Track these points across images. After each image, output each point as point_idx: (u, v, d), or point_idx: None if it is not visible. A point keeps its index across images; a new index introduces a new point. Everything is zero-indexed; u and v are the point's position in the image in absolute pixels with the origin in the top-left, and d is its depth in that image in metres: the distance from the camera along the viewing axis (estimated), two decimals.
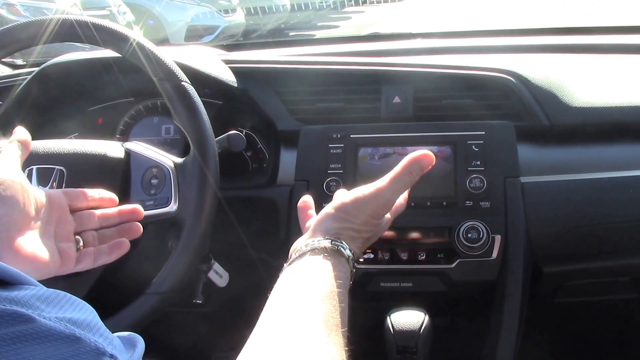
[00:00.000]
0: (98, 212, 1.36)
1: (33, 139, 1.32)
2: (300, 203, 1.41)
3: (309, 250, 1.15)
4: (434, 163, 1.26)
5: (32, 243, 1.15)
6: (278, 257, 1.83)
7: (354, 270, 1.19)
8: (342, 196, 1.24)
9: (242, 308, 1.82)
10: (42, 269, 1.18)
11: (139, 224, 1.40)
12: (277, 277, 1.12)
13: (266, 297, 1.06)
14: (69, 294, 0.71)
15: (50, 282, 1.44)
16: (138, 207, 1.42)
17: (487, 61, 1.93)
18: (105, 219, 1.37)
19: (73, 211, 1.32)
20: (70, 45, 1.68)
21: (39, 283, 0.69)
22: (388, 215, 1.31)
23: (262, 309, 1.03)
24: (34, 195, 1.20)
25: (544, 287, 1.92)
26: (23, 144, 1.26)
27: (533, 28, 2.55)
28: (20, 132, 1.28)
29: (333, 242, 1.15)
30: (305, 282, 1.09)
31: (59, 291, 0.70)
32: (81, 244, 1.31)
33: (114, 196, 1.40)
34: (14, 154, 1.23)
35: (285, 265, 1.17)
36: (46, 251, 1.19)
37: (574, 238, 1.74)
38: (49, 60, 1.91)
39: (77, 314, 0.68)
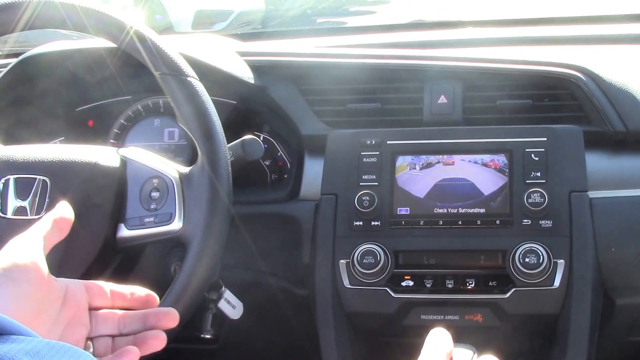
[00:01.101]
0: (121, 312, 1.23)
1: (10, 143, 1.30)
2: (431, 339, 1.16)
3: None
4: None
5: None
6: (300, 285, 1.84)
7: None
8: None
9: (254, 344, 1.83)
10: None
11: (164, 334, 1.20)
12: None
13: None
14: (67, 345, 0.71)
15: None
16: (173, 310, 1.24)
17: (551, 54, 1.92)
18: (127, 324, 1.22)
19: (91, 310, 1.21)
20: (54, 33, 1.67)
21: (34, 333, 0.70)
22: None
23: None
24: (50, 285, 1.11)
25: (616, 323, 1.90)
26: (58, 225, 1.19)
27: (606, 15, 2.53)
28: (60, 209, 1.21)
29: None
30: None
31: (56, 342, 0.70)
32: (91, 350, 1.19)
33: (152, 295, 1.26)
34: (41, 233, 1.15)
35: None
36: None
37: None
38: (29, 50, 1.92)
39: None
